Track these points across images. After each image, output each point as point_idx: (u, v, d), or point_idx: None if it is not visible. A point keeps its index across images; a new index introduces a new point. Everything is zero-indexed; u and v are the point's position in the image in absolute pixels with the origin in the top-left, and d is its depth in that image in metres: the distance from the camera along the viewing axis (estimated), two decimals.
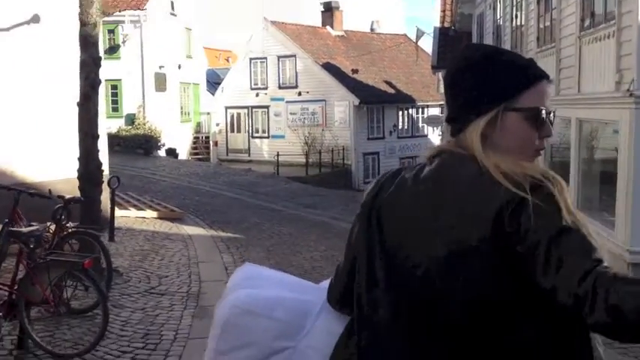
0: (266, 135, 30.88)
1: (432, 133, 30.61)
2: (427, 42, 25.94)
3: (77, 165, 7.46)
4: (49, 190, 6.76)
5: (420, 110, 32.28)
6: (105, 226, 8.90)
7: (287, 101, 29.85)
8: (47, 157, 9.18)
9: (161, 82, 26.44)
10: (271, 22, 30.33)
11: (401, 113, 31.63)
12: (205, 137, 31.56)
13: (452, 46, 20.48)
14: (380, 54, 33.00)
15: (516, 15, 14.37)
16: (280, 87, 30.29)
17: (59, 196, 6.45)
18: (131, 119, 25.21)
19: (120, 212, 11.24)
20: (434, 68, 22.16)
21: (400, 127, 31.52)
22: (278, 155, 26.06)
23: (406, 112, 31.95)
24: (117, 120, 24.24)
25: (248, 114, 31.41)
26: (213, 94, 32.33)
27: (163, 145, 25.95)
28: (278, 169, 25.41)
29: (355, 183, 28.06)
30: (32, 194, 6.61)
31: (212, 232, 11.57)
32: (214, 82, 33.74)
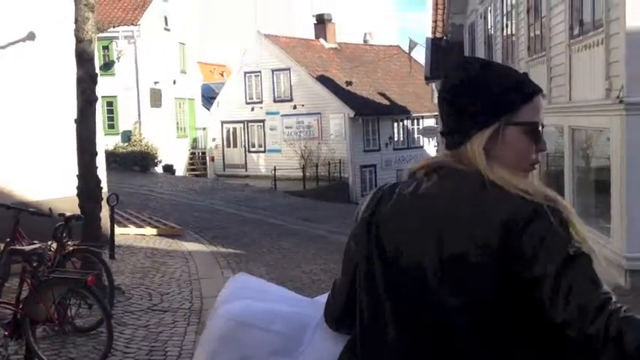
0: (262, 149, 30.93)
1: (428, 145, 30.68)
2: (420, 53, 26.10)
3: (76, 183, 7.47)
4: (50, 209, 6.77)
5: (415, 121, 32.40)
6: (105, 244, 8.90)
7: (282, 115, 29.94)
8: (46, 176, 9.17)
9: (156, 98, 26.51)
10: (265, 36, 30.48)
11: (396, 125, 31.74)
12: (202, 153, 31.59)
13: (445, 57, 20.59)
14: (373, 65, 33.17)
15: (507, 24, 14.47)
16: (275, 100, 30.38)
17: (60, 214, 6.47)
18: (127, 136, 25.25)
19: (119, 230, 11.24)
20: (427, 79, 22.24)
21: (396, 139, 31.62)
22: (275, 170, 26.08)
23: (401, 124, 32.06)
24: (113, 137, 24.26)
25: (244, 128, 31.47)
26: (208, 109, 32.41)
27: (160, 162, 25.98)
28: (275, 184, 25.44)
29: (353, 196, 28.08)
30: (33, 213, 6.63)
31: (212, 248, 11.57)
32: (209, 97, 33.84)
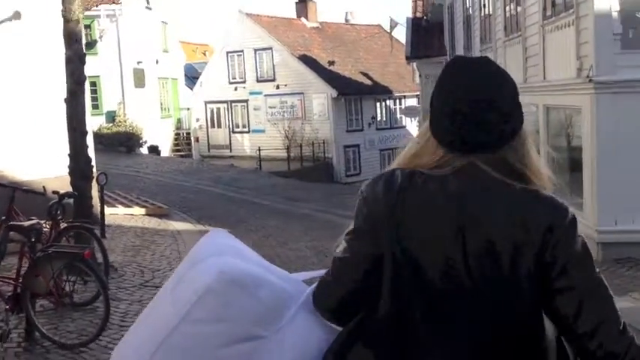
0: (246, 130, 31.05)
1: (411, 124, 30.98)
2: (401, 32, 26.26)
3: (67, 162, 7.65)
4: (43, 187, 6.95)
5: (397, 101, 32.65)
6: (96, 223, 9.10)
7: (266, 95, 30.03)
8: (37, 155, 9.26)
9: (140, 78, 26.46)
10: (247, 15, 30.43)
11: (378, 105, 31.95)
12: (186, 133, 31.62)
13: (425, 37, 20.85)
14: (355, 45, 33.27)
15: (485, 4, 14.69)
16: (258, 80, 30.45)
17: (54, 192, 6.66)
18: (112, 116, 25.22)
19: (108, 210, 11.40)
20: (408, 59, 22.45)
21: (378, 119, 31.86)
22: (260, 150, 26.25)
23: (384, 104, 32.28)
24: (98, 117, 24.21)
25: (228, 108, 31.53)
26: (191, 89, 32.39)
27: (145, 143, 26.02)
28: (260, 164, 25.63)
29: (337, 176, 28.40)
30: (27, 191, 6.82)
31: (200, 227, 11.81)
32: (192, 77, 33.79)
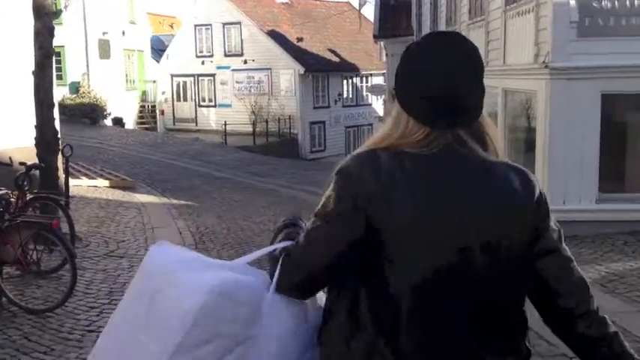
0: (213, 104, 30.94)
1: (376, 102, 31.27)
2: (370, 10, 26.39)
3: (33, 134, 7.71)
4: (10, 158, 7.01)
5: (364, 79, 32.88)
6: (60, 194, 9.14)
7: (233, 69, 29.94)
8: (2, 127, 9.28)
9: (105, 49, 26.12)
10: None
11: (345, 82, 32.14)
12: (151, 106, 31.35)
13: (393, 16, 21.02)
14: (324, 22, 33.28)
15: None
16: (226, 55, 30.30)
17: (21, 163, 6.74)
18: (76, 87, 24.90)
19: (72, 181, 11.35)
20: (375, 37, 22.58)
21: (345, 96, 32.08)
22: (225, 125, 26.25)
23: (350, 81, 32.48)
24: (61, 88, 23.85)
25: (194, 82, 31.34)
26: (158, 62, 32.06)
27: (109, 115, 25.79)
28: (226, 139, 25.65)
29: (302, 152, 28.60)
30: None
31: (164, 200, 11.93)
32: (159, 49, 33.40)
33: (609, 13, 8.04)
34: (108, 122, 25.83)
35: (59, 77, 24.49)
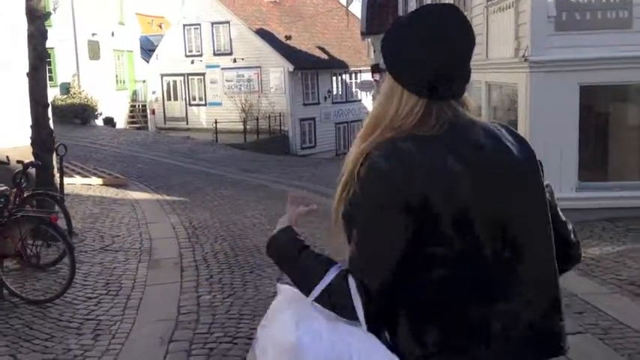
0: (203, 102, 31.12)
1: (366, 98, 31.53)
2: (358, 7, 26.64)
3: (28, 133, 7.92)
4: (7, 157, 7.20)
5: (353, 75, 33.13)
6: (55, 192, 9.33)
7: (222, 68, 30.11)
8: None
9: (95, 50, 26.27)
10: None
11: (335, 79, 32.38)
12: (142, 106, 31.50)
13: (379, 13, 21.26)
14: (312, 19, 33.50)
15: None
16: (215, 54, 30.48)
17: (18, 161, 6.94)
18: (66, 88, 25.03)
19: (66, 180, 11.56)
20: (363, 34, 22.80)
21: (334, 93, 32.32)
22: (216, 123, 26.46)
23: (340, 78, 32.72)
24: (52, 89, 23.86)
25: (184, 81, 31.51)
26: (147, 62, 32.19)
27: (100, 115, 25.94)
28: (217, 137, 25.85)
29: (293, 148, 28.84)
30: None
31: (157, 197, 12.13)
32: (148, 49, 33.54)
33: (585, 8, 8.33)
34: (99, 122, 25.99)
35: (50, 78, 24.34)
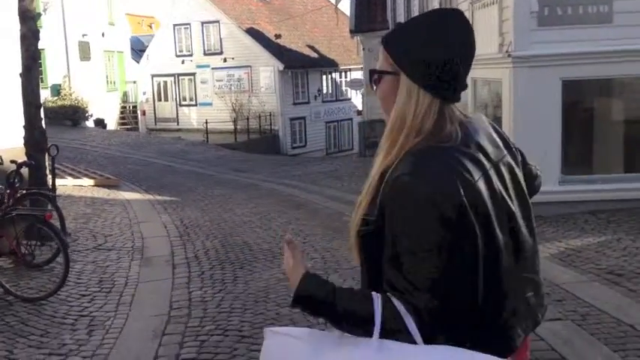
0: (194, 103, 31.18)
1: (356, 97, 31.64)
2: (347, 6, 26.75)
3: (21, 134, 8.03)
4: (0, 157, 7.31)
5: (343, 74, 33.26)
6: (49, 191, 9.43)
7: (213, 68, 30.18)
8: None
9: (85, 51, 26.30)
10: None
11: (324, 77, 32.51)
12: (133, 107, 31.55)
13: (368, 11, 21.42)
14: (302, 18, 33.60)
15: None
16: (205, 53, 30.55)
17: (12, 161, 7.05)
18: (57, 90, 25.07)
19: (58, 181, 11.65)
20: (352, 32, 22.94)
21: (324, 92, 32.44)
22: (207, 123, 26.54)
23: (329, 76, 32.86)
24: (42, 91, 23.87)
25: (175, 82, 31.56)
26: (138, 62, 32.22)
27: (91, 116, 25.98)
28: (207, 137, 25.93)
29: (283, 148, 28.94)
30: None
31: (149, 197, 12.23)
32: (139, 50, 33.56)
33: (567, 3, 8.47)
34: (90, 124, 26.03)
35: (40, 80, 24.57)
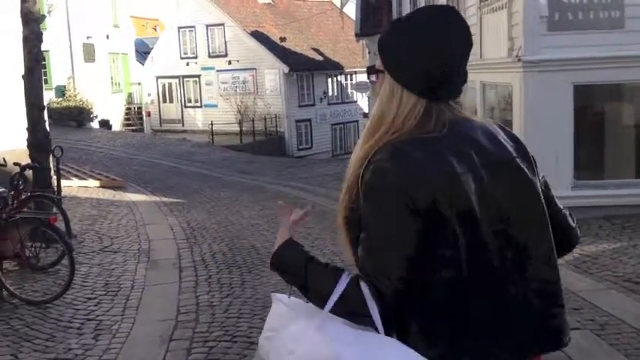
0: (199, 104, 31.15)
1: (361, 99, 31.56)
2: (352, 9, 26.68)
3: (24, 136, 7.95)
4: (4, 159, 7.23)
5: (349, 77, 33.19)
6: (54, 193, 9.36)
7: (218, 70, 30.15)
8: None
9: (90, 53, 26.29)
10: None
11: (330, 80, 32.44)
12: (137, 108, 31.54)
13: (373, 14, 21.33)
14: (307, 21, 33.56)
15: None
16: (210, 56, 30.52)
17: (15, 163, 6.97)
18: (61, 91, 25.05)
19: (63, 182, 11.59)
20: (357, 36, 22.86)
21: (330, 94, 32.38)
22: (212, 124, 26.48)
23: (335, 79, 32.79)
24: (47, 92, 23.91)
25: (179, 84, 31.54)
26: (142, 64, 32.21)
27: (96, 117, 25.96)
28: (213, 138, 25.87)
29: (289, 150, 28.89)
30: None
31: (155, 198, 12.16)
32: (143, 52, 33.56)
33: (577, 8, 8.40)
34: (95, 125, 26.01)
35: (45, 81, 24.54)
